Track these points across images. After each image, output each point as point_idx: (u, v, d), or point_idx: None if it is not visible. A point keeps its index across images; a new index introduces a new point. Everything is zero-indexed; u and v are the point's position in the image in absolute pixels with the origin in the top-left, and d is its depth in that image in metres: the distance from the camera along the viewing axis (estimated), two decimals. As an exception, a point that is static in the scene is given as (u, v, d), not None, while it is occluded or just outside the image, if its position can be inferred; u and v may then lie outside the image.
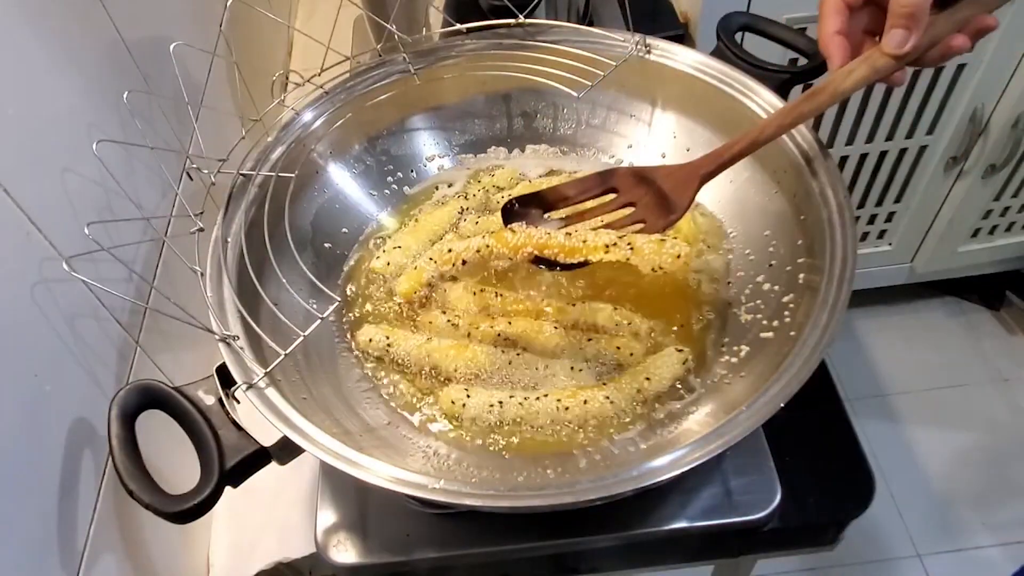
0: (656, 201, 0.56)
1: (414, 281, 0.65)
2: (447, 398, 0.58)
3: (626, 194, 0.56)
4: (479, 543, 0.58)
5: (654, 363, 0.58)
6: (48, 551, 0.46)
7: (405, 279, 0.66)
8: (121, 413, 0.46)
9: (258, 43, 0.99)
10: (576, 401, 0.56)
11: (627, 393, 0.56)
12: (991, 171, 1.31)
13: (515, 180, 0.74)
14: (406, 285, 0.65)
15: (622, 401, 0.56)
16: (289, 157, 0.65)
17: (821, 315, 0.49)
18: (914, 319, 1.73)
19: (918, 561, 1.41)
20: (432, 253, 0.67)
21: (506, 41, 0.72)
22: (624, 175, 0.56)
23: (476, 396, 0.57)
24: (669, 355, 0.58)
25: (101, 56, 0.60)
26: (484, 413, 0.56)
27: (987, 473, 1.49)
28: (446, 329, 0.62)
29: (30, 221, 0.47)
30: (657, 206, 0.56)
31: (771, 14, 0.73)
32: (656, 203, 0.56)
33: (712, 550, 0.63)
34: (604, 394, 0.56)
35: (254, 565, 0.63)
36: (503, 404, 0.56)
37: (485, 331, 0.61)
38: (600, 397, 0.56)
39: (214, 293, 0.55)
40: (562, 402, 0.56)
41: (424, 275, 0.65)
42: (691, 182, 0.55)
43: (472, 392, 0.57)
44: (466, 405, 0.57)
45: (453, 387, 0.58)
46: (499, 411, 0.56)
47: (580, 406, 0.56)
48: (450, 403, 0.57)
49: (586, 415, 0.56)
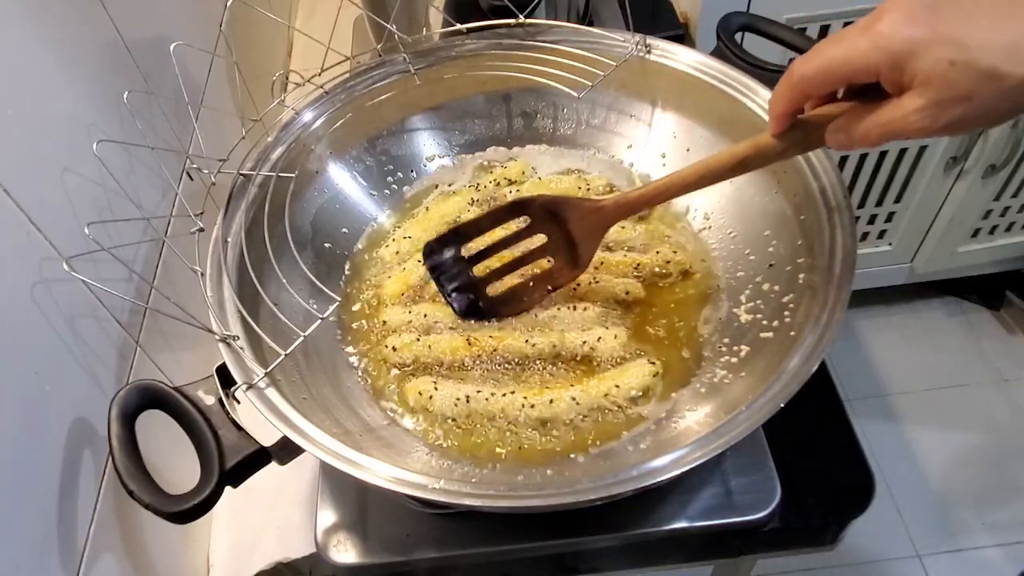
0: (565, 243, 0.58)
1: (401, 283, 0.65)
2: (414, 389, 0.58)
3: (538, 226, 0.58)
4: (479, 543, 0.58)
5: (625, 371, 0.58)
6: (48, 551, 0.46)
7: (392, 281, 0.66)
8: (121, 413, 0.46)
9: (258, 43, 0.99)
10: (542, 400, 0.56)
11: (593, 396, 0.56)
12: (991, 171, 1.31)
13: (527, 174, 0.74)
14: (392, 288, 0.65)
15: (587, 403, 0.56)
16: (289, 157, 0.65)
17: (821, 315, 0.49)
18: (914, 319, 1.73)
19: (918, 561, 1.41)
20: (422, 255, 0.67)
21: (506, 41, 0.72)
22: (538, 207, 0.58)
23: (443, 389, 0.57)
24: (641, 366, 0.58)
25: (101, 56, 0.60)
26: (451, 406, 0.57)
27: (987, 473, 1.49)
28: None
29: (30, 221, 0.47)
30: (565, 249, 0.59)
31: (771, 14, 0.73)
32: (565, 245, 0.59)
33: (712, 550, 0.63)
34: (570, 395, 0.56)
35: (254, 565, 0.63)
36: (470, 399, 0.57)
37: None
38: (566, 398, 0.56)
39: (214, 293, 0.55)
40: (528, 399, 0.56)
41: (411, 277, 0.65)
42: (598, 233, 0.58)
43: (440, 385, 0.58)
44: (432, 397, 0.57)
45: (421, 379, 0.59)
46: (464, 405, 0.57)
47: (546, 406, 0.56)
48: (417, 394, 0.58)
49: (554, 415, 0.56)
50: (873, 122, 0.40)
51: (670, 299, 0.63)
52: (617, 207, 0.56)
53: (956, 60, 0.35)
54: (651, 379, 0.57)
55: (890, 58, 0.37)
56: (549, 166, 0.75)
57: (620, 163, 0.74)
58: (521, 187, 0.72)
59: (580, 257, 0.59)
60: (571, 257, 0.59)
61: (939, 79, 0.36)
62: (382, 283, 0.67)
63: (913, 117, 0.38)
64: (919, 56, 0.36)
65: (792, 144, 0.47)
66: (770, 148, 0.47)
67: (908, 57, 0.37)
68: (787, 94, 0.44)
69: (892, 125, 0.39)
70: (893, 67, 0.37)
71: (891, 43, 0.37)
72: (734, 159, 0.49)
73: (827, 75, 0.41)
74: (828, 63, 0.40)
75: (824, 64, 0.41)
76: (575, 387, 0.57)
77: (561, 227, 0.58)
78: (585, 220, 0.57)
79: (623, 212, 0.57)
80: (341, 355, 0.63)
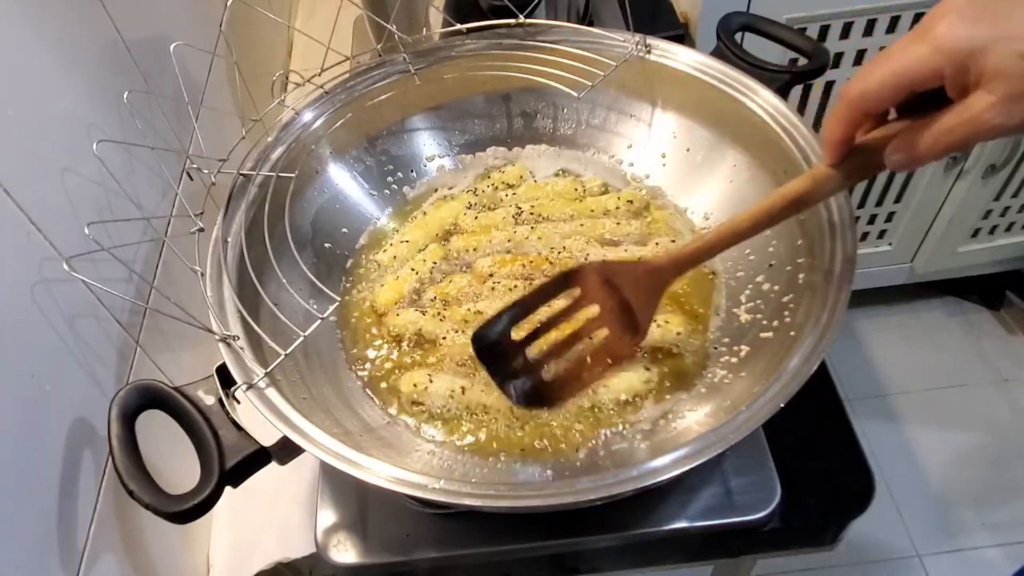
0: (620, 310, 0.53)
1: (394, 292, 0.65)
2: (409, 381, 0.58)
3: (589, 296, 0.54)
4: (479, 543, 0.58)
5: (615, 374, 0.57)
6: (48, 551, 0.45)
7: (385, 290, 0.66)
8: (121, 413, 0.46)
9: (258, 43, 0.99)
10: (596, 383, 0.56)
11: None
12: (991, 171, 1.31)
13: (524, 178, 0.74)
14: (385, 296, 0.65)
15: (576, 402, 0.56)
16: (289, 157, 0.65)
17: (821, 315, 0.49)
18: (914, 319, 1.73)
19: (918, 561, 1.41)
20: (415, 264, 0.67)
21: (506, 41, 0.72)
22: (589, 276, 0.53)
23: (438, 381, 0.58)
24: (636, 371, 0.57)
25: (101, 56, 0.59)
26: (445, 398, 0.57)
27: (987, 473, 1.49)
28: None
29: (30, 221, 0.47)
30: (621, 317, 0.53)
31: (771, 14, 0.73)
32: (620, 312, 0.53)
33: (712, 550, 0.63)
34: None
35: (254, 565, 0.63)
36: (465, 391, 0.57)
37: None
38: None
39: (214, 293, 0.55)
40: None
41: (405, 287, 0.65)
42: (656, 295, 0.53)
43: (435, 377, 0.58)
44: (427, 389, 0.57)
45: (416, 371, 0.59)
46: (459, 397, 0.57)
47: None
48: (412, 386, 0.58)
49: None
50: (939, 130, 0.38)
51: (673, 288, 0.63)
52: (674, 265, 0.53)
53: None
54: (642, 386, 0.57)
55: (955, 59, 0.36)
56: (548, 167, 0.75)
57: (619, 163, 0.74)
58: (518, 190, 0.72)
59: (639, 323, 0.53)
60: (628, 324, 0.54)
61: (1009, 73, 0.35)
62: (376, 290, 0.67)
63: (986, 115, 0.36)
64: (985, 53, 0.35)
65: (851, 172, 0.44)
66: (829, 180, 0.45)
67: (974, 55, 0.36)
68: (846, 116, 0.42)
69: (961, 128, 0.38)
70: (958, 68, 0.36)
71: (954, 44, 0.36)
72: (791, 198, 0.46)
73: (889, 88, 0.39)
74: (890, 75, 0.39)
75: (885, 77, 0.39)
76: None
77: (615, 294, 0.53)
78: (640, 283, 0.53)
79: (680, 269, 0.53)
80: (341, 355, 0.63)
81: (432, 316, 0.63)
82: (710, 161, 0.68)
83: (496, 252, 0.68)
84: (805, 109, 1.23)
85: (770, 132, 0.61)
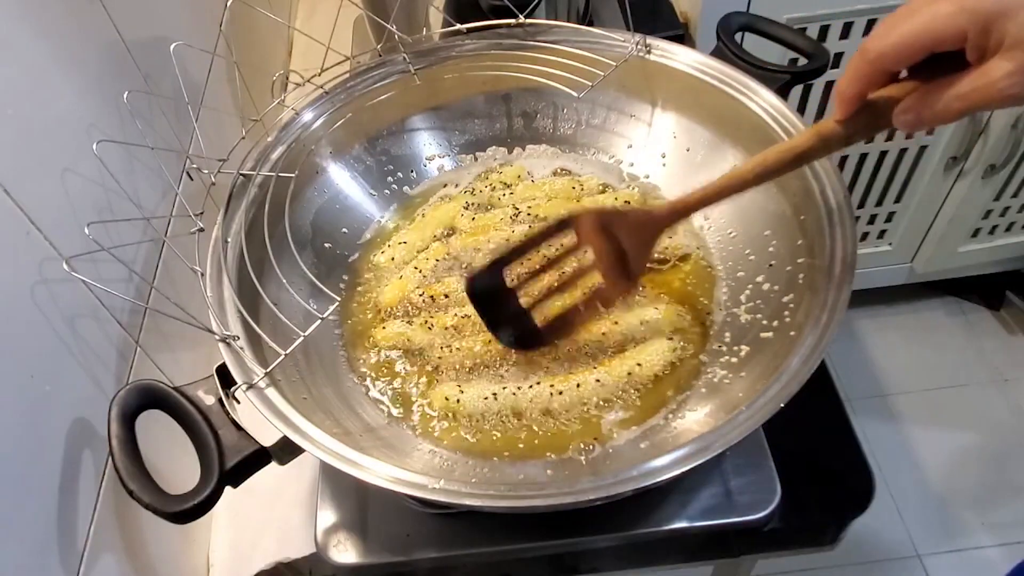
0: (615, 256, 0.54)
1: (398, 291, 0.65)
2: (440, 395, 0.58)
3: (585, 242, 0.54)
4: (479, 543, 0.58)
5: (644, 350, 0.58)
6: (48, 551, 0.45)
7: (390, 289, 0.66)
8: (121, 413, 0.46)
9: (258, 43, 0.99)
10: (568, 385, 0.56)
11: (617, 376, 0.57)
12: (991, 171, 1.31)
13: (522, 178, 0.74)
14: (390, 295, 0.65)
15: (612, 383, 0.57)
16: (289, 157, 0.65)
17: (821, 315, 0.49)
18: (914, 319, 1.73)
19: (918, 561, 1.41)
20: (418, 262, 0.67)
21: (506, 41, 0.72)
22: (585, 222, 0.54)
23: (469, 391, 0.57)
24: (660, 343, 0.59)
25: (101, 56, 0.59)
26: (479, 405, 0.57)
27: (987, 473, 1.49)
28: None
29: (30, 221, 0.47)
30: (615, 263, 0.54)
31: (771, 14, 0.73)
32: (615, 259, 0.54)
33: (712, 550, 0.63)
34: (595, 377, 0.57)
35: (254, 565, 0.63)
36: (496, 396, 0.57)
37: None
38: (591, 380, 0.57)
39: (214, 293, 0.55)
40: (555, 387, 0.56)
41: (408, 285, 0.65)
42: (650, 242, 0.54)
43: (464, 388, 0.58)
44: (460, 400, 0.57)
45: (445, 385, 0.59)
46: (493, 402, 0.57)
47: (573, 390, 0.56)
48: (444, 400, 0.58)
49: (579, 399, 0.56)
50: (954, 95, 0.38)
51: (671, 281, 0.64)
52: (673, 212, 0.52)
53: None
54: (672, 355, 0.58)
55: (979, 20, 0.35)
56: (546, 166, 0.75)
57: (618, 163, 0.74)
58: (515, 190, 0.72)
59: (632, 270, 0.54)
60: (622, 271, 0.54)
61: None
62: (380, 290, 0.67)
63: (1003, 83, 0.35)
64: (1009, 17, 0.34)
65: (858, 129, 0.44)
66: (835, 135, 0.44)
67: (997, 19, 0.35)
68: (865, 73, 0.41)
69: (976, 95, 0.37)
70: (982, 30, 0.35)
71: (979, 4, 0.35)
72: (797, 151, 0.46)
73: (910, 46, 0.38)
74: (911, 32, 0.38)
75: (905, 36, 0.38)
76: (599, 369, 0.58)
77: (610, 240, 0.53)
78: (636, 230, 0.53)
79: (679, 216, 0.53)
80: (341, 355, 0.63)
81: (420, 326, 0.63)
82: (710, 161, 0.68)
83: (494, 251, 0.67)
84: (805, 109, 1.23)
85: (770, 132, 0.61)
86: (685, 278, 0.64)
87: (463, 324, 0.62)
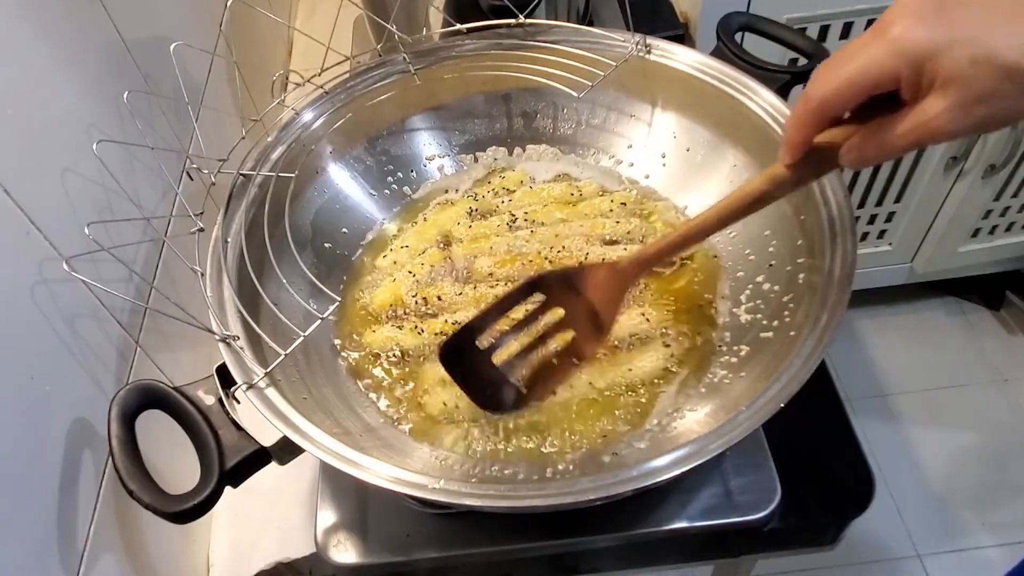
0: (585, 312, 0.55)
1: (389, 294, 0.65)
2: (437, 401, 0.58)
3: (554, 300, 0.55)
4: (479, 543, 0.58)
5: (639, 355, 0.59)
6: (48, 551, 0.45)
7: (382, 291, 0.66)
8: (121, 413, 0.46)
9: (258, 43, 0.99)
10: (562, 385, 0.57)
11: (609, 378, 0.57)
12: (991, 171, 1.31)
13: (524, 183, 0.74)
14: (381, 298, 0.65)
15: (604, 385, 0.57)
16: (289, 157, 0.65)
17: (821, 315, 0.49)
18: (914, 319, 1.73)
19: (918, 561, 1.41)
20: (412, 267, 0.67)
21: (506, 41, 0.72)
22: (551, 282, 0.54)
23: (451, 395, 0.57)
24: (656, 349, 0.59)
25: (101, 56, 0.59)
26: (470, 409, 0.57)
27: (987, 473, 1.49)
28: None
29: (30, 221, 0.47)
30: (586, 319, 0.55)
31: (771, 14, 0.73)
32: (585, 315, 0.55)
33: (712, 550, 0.63)
34: (588, 379, 0.57)
35: (254, 565, 0.63)
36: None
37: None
38: (584, 381, 0.57)
39: (214, 293, 0.55)
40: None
41: (401, 288, 0.65)
42: (618, 295, 0.55)
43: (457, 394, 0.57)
44: (459, 406, 0.57)
45: (439, 391, 0.58)
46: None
47: (567, 389, 0.57)
48: (442, 405, 0.57)
49: (572, 399, 0.57)
50: (894, 133, 0.39)
51: (675, 284, 0.64)
52: (636, 265, 0.54)
53: (977, 58, 0.34)
54: (664, 361, 0.58)
55: (910, 61, 0.36)
56: (547, 169, 0.75)
57: (618, 164, 0.74)
58: (514, 196, 0.72)
59: (603, 323, 0.55)
60: (594, 325, 0.55)
61: (961, 78, 0.35)
62: (373, 294, 0.66)
63: (939, 120, 0.37)
64: (939, 57, 0.35)
65: (807, 173, 0.45)
66: (785, 179, 0.46)
67: (928, 59, 0.36)
68: (807, 120, 0.42)
69: (916, 132, 0.38)
70: (914, 71, 0.36)
71: (909, 46, 0.36)
72: (752, 196, 0.48)
73: (847, 92, 0.40)
74: (848, 79, 0.39)
75: (843, 82, 0.39)
76: (591, 370, 0.58)
77: (579, 296, 0.55)
78: (601, 285, 0.55)
79: (642, 269, 0.55)
80: (340, 356, 0.63)
81: (410, 330, 0.62)
82: (710, 161, 0.68)
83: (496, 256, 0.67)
84: (805, 109, 1.22)
85: (770, 132, 0.61)
86: (692, 277, 0.64)
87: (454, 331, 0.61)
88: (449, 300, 0.64)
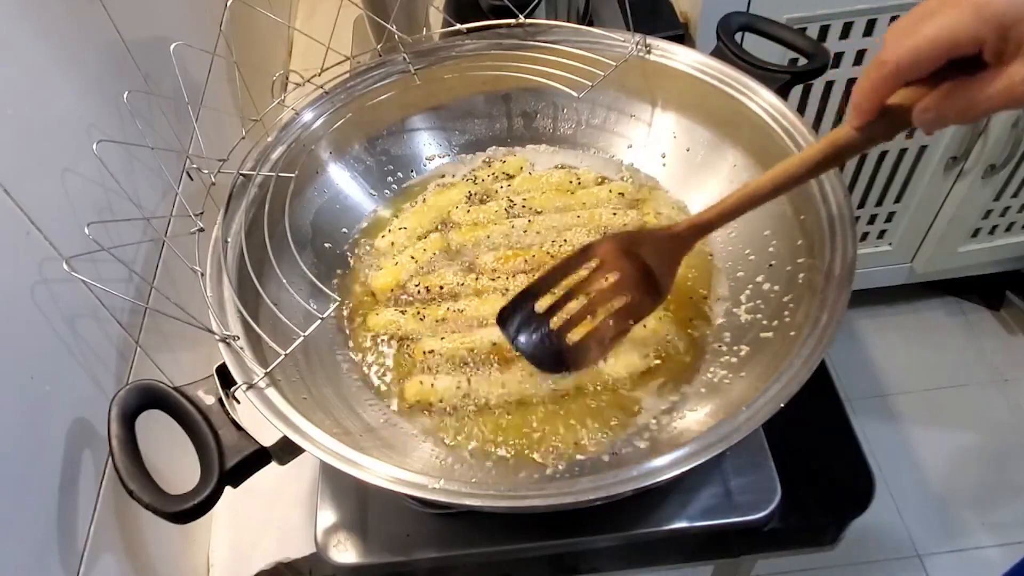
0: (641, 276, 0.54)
1: (391, 278, 0.66)
2: (414, 384, 0.58)
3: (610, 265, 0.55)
4: (479, 543, 0.58)
5: (615, 353, 0.59)
6: (48, 551, 0.45)
7: (383, 274, 0.66)
8: (121, 413, 0.46)
9: (258, 43, 0.99)
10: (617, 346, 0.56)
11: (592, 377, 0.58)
12: (991, 171, 1.31)
13: (524, 169, 0.74)
14: (382, 280, 0.66)
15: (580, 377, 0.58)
16: (289, 157, 0.65)
17: (821, 315, 0.49)
18: (914, 319, 1.73)
19: (918, 561, 1.41)
20: (414, 252, 0.67)
21: (506, 41, 0.72)
22: (608, 247, 0.54)
23: (440, 380, 0.58)
24: (632, 356, 0.59)
25: (101, 56, 0.59)
26: (452, 391, 0.58)
27: (987, 473, 1.49)
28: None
29: (30, 221, 0.47)
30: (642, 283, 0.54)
31: (771, 14, 0.73)
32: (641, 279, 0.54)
33: (712, 550, 0.63)
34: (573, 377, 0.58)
35: (254, 565, 0.63)
36: (471, 381, 0.58)
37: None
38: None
39: (214, 293, 0.55)
40: (526, 370, 0.57)
41: (402, 273, 0.66)
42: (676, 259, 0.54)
43: (437, 378, 0.59)
44: (434, 386, 0.58)
45: (418, 376, 0.59)
46: (466, 387, 0.58)
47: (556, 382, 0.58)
48: (419, 384, 0.58)
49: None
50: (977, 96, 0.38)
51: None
52: (693, 228, 0.53)
53: None
54: (641, 362, 0.58)
55: (997, 25, 0.36)
56: (547, 163, 0.75)
57: (620, 163, 0.74)
58: (513, 182, 0.72)
59: (661, 287, 0.54)
60: (649, 288, 0.54)
61: None
62: (374, 274, 0.67)
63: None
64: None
65: (876, 135, 0.44)
66: (852, 142, 0.44)
67: (1014, 23, 0.35)
68: (883, 83, 0.41)
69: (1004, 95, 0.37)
70: (999, 35, 0.36)
71: (996, 10, 0.36)
72: (812, 161, 0.46)
73: (928, 55, 0.38)
74: (929, 42, 0.38)
75: (923, 44, 0.38)
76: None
77: (635, 262, 0.54)
78: (660, 249, 0.54)
79: (700, 234, 0.53)
80: (340, 355, 0.63)
81: (412, 316, 0.63)
82: (710, 161, 0.68)
83: (497, 247, 0.68)
84: (805, 109, 1.23)
85: (770, 132, 0.61)
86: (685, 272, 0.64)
87: (455, 317, 0.62)
88: (450, 290, 0.65)
